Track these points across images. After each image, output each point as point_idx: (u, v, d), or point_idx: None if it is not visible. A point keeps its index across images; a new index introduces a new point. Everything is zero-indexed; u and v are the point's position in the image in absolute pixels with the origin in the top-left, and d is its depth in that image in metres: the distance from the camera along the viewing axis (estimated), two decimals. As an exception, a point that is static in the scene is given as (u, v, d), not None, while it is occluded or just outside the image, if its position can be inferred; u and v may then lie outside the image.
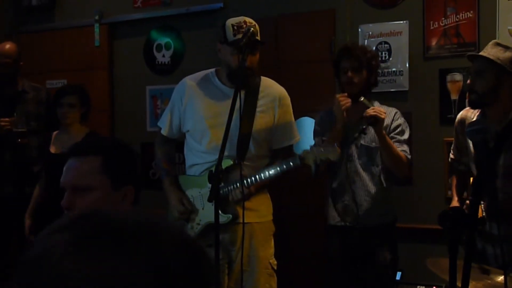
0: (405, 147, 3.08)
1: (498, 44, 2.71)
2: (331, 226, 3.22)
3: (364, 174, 3.10)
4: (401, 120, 3.14)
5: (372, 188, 3.10)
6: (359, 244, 3.09)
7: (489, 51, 2.67)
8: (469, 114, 2.85)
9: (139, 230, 0.68)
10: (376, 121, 2.89)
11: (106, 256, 0.63)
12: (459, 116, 2.97)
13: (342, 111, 2.99)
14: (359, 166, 3.10)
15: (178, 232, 0.72)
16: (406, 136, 3.12)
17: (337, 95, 3.05)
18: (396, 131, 3.10)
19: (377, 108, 2.95)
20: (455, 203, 2.94)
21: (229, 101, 2.46)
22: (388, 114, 3.08)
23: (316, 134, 3.23)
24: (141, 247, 0.66)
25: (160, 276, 0.64)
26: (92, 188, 1.56)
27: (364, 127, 2.88)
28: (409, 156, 3.08)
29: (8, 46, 4.00)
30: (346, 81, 3.08)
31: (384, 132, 2.98)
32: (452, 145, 3.09)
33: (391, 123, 3.10)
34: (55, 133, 3.81)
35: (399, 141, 3.07)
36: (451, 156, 3.08)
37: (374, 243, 3.10)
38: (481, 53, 2.71)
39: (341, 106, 2.98)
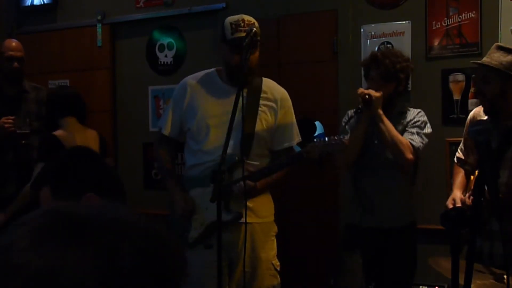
0: (415, 137, 3.06)
1: (500, 48, 2.73)
2: (349, 224, 3.24)
3: (384, 171, 3.10)
4: (422, 118, 3.13)
5: (392, 187, 3.10)
6: (378, 248, 3.11)
7: (492, 56, 2.71)
8: (482, 111, 2.87)
9: (98, 225, 0.69)
10: (369, 101, 2.99)
11: (59, 249, 0.66)
12: (470, 114, 3.01)
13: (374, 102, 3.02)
14: (379, 163, 3.10)
15: (145, 229, 0.72)
16: (423, 130, 3.10)
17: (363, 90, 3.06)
18: (413, 124, 3.11)
19: (370, 90, 3.02)
20: (456, 192, 2.94)
21: (232, 100, 2.45)
22: (412, 112, 3.15)
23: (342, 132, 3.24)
24: (95, 242, 0.67)
25: (110, 273, 0.65)
26: None
27: (359, 106, 3.02)
28: (415, 144, 3.03)
29: (15, 42, 3.99)
30: (373, 89, 3.07)
31: (381, 112, 3.01)
32: (460, 144, 3.09)
33: (413, 119, 3.12)
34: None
35: (410, 132, 3.08)
36: (458, 155, 3.08)
37: (393, 249, 3.11)
38: (484, 61, 2.74)
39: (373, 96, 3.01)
